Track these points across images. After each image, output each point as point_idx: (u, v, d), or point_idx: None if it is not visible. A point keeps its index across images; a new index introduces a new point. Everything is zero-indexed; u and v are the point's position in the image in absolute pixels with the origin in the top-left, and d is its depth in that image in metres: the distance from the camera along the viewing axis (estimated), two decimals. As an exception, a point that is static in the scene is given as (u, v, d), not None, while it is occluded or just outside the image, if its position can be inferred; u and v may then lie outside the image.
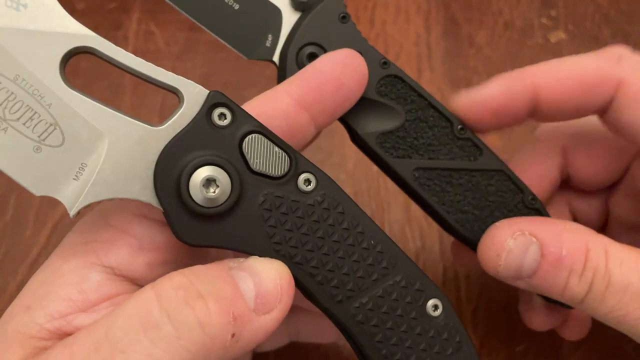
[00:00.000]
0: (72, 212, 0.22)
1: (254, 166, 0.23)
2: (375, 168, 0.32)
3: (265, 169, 0.24)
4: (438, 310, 0.25)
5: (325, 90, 0.26)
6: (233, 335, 0.21)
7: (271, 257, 0.24)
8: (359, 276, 0.24)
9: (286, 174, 0.24)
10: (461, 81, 0.47)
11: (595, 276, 0.26)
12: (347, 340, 0.26)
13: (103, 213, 0.25)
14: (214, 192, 0.23)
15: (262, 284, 0.22)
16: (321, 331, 0.33)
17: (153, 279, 0.23)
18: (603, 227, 0.36)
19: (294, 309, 0.33)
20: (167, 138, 0.23)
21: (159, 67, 0.23)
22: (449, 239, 0.40)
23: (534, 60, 0.48)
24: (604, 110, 0.29)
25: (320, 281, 0.24)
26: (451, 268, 0.40)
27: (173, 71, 0.23)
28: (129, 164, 0.22)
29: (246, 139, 0.23)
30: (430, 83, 0.47)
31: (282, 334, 0.33)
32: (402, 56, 0.48)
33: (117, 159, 0.22)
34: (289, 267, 0.24)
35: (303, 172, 0.24)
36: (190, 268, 0.23)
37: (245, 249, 0.24)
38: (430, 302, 0.25)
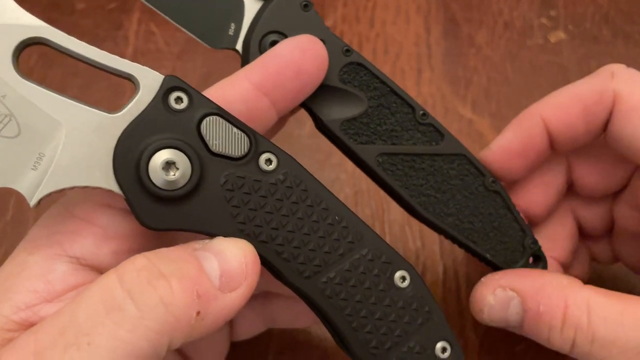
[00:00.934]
0: (32, 202, 0.23)
1: (214, 148, 0.24)
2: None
3: (225, 150, 0.24)
4: (406, 282, 0.26)
5: (285, 75, 0.27)
6: (198, 313, 0.22)
7: (236, 237, 0.24)
8: (325, 251, 0.25)
9: (246, 154, 0.24)
10: (461, 81, 0.47)
11: (577, 332, 0.27)
12: (317, 316, 0.26)
13: (66, 205, 0.25)
14: (174, 174, 0.23)
15: (226, 262, 0.23)
16: (296, 316, 0.33)
17: None
18: (609, 232, 0.36)
19: (268, 296, 0.33)
20: (125, 124, 0.23)
21: (113, 55, 0.23)
22: (449, 238, 0.41)
23: (534, 60, 0.49)
24: (606, 126, 0.30)
25: (287, 258, 0.24)
26: (451, 268, 0.40)
27: (173, 71, 0.23)
28: (88, 151, 0.23)
29: (204, 122, 0.24)
30: (430, 83, 0.47)
31: (257, 321, 0.33)
32: (402, 56, 0.48)
33: (76, 148, 0.22)
34: (255, 245, 0.24)
35: (264, 152, 0.24)
36: (153, 251, 0.23)
37: (209, 231, 0.24)
38: (398, 274, 0.26)
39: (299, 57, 0.27)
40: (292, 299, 0.31)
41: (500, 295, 0.29)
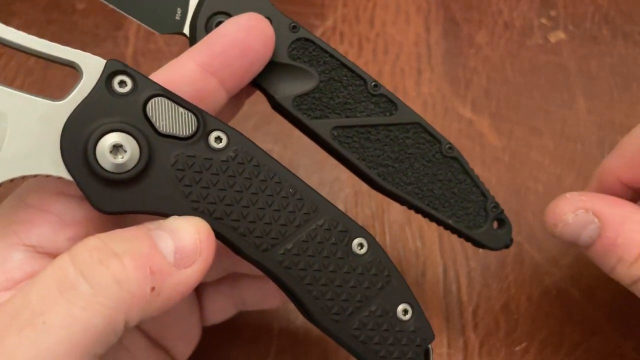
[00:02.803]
0: None
1: (161, 129, 0.24)
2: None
3: (173, 131, 0.24)
4: (364, 249, 0.26)
5: (231, 54, 0.27)
6: (153, 289, 0.22)
7: (190, 215, 0.24)
8: (281, 224, 0.25)
9: (195, 133, 0.24)
10: (461, 81, 0.47)
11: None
12: (279, 288, 0.26)
13: (20, 195, 0.25)
14: (122, 157, 0.23)
15: (180, 239, 0.23)
16: (266, 296, 0.33)
17: None
18: None
19: (236, 278, 0.33)
20: (70, 111, 0.23)
21: (53, 43, 0.23)
22: (449, 238, 0.41)
23: (534, 60, 0.49)
24: None
25: (243, 233, 0.25)
26: (451, 268, 0.40)
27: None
28: (35, 140, 0.23)
29: (149, 103, 0.24)
30: (430, 83, 0.47)
31: (227, 304, 0.34)
32: (402, 56, 0.48)
33: (22, 137, 0.22)
34: (210, 222, 0.24)
35: (213, 130, 0.25)
36: (106, 233, 0.23)
37: (163, 211, 0.24)
38: (356, 241, 0.26)
39: (244, 35, 0.27)
40: (260, 280, 0.31)
41: (581, 217, 0.29)
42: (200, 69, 0.26)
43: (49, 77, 0.46)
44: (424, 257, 0.40)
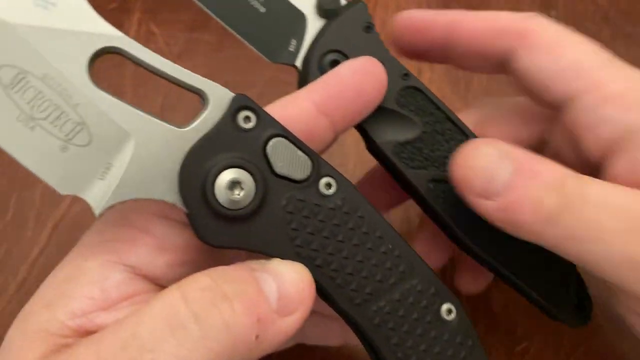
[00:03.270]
0: (97, 212, 0.22)
1: (278, 169, 0.24)
2: (375, 168, 0.32)
3: (289, 173, 0.24)
4: (452, 315, 0.26)
5: (346, 96, 0.27)
6: (257, 336, 0.22)
7: (293, 259, 0.24)
8: (378, 280, 0.25)
9: (308, 177, 0.24)
10: (461, 81, 0.47)
11: (571, 196, 0.24)
12: (362, 343, 0.26)
13: (123, 213, 0.25)
14: (239, 194, 0.23)
15: (284, 285, 0.23)
16: (327, 334, 0.33)
17: (172, 279, 0.24)
18: None
19: None
20: (193, 140, 0.23)
21: (185, 69, 0.23)
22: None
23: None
24: (507, 61, 0.30)
25: (340, 284, 0.24)
26: (451, 268, 0.40)
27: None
28: (155, 165, 0.23)
29: (270, 142, 0.24)
30: (430, 83, 0.47)
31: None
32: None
33: (143, 160, 0.22)
34: (310, 269, 0.24)
35: (324, 176, 0.24)
36: (214, 269, 0.23)
37: (267, 251, 0.24)
38: (445, 307, 0.26)
39: (360, 79, 0.27)
40: (323, 317, 0.30)
41: (493, 151, 0.25)
42: (315, 108, 0.26)
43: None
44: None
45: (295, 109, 0.26)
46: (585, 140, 0.28)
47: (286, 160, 0.24)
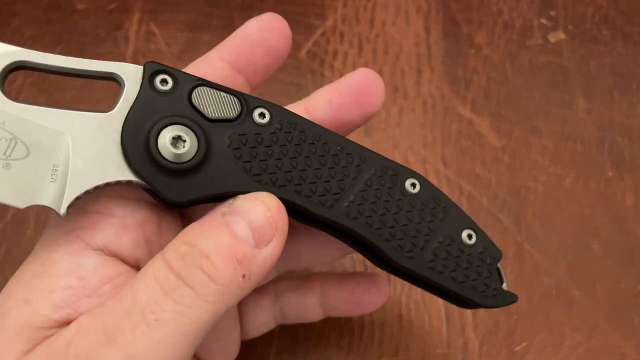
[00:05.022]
0: (62, 212, 0.23)
1: (210, 115, 0.25)
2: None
3: (221, 115, 0.25)
4: (417, 187, 0.28)
5: (256, 53, 0.28)
6: (244, 276, 0.23)
7: (256, 189, 0.25)
8: (339, 179, 0.27)
9: (241, 113, 0.26)
10: (461, 81, 0.47)
11: None
12: (349, 245, 0.28)
13: (79, 204, 0.25)
14: (184, 147, 0.24)
15: (254, 220, 0.24)
16: (306, 311, 0.34)
17: (141, 257, 0.25)
18: None
19: (277, 293, 0.33)
20: (123, 117, 0.24)
21: (91, 60, 0.24)
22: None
23: (534, 60, 0.49)
24: None
25: (307, 194, 0.26)
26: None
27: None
28: (97, 151, 0.24)
29: (194, 94, 0.25)
30: (430, 83, 0.47)
31: (268, 319, 0.34)
32: (402, 56, 0.48)
33: (84, 151, 0.23)
34: (275, 192, 0.25)
35: (256, 108, 0.26)
36: (189, 229, 0.24)
37: (231, 190, 0.25)
38: (408, 182, 0.28)
39: (267, 35, 0.28)
40: (301, 294, 0.32)
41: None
42: (229, 66, 0.28)
43: (50, 79, 0.46)
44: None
45: (209, 68, 0.28)
46: None
47: (214, 104, 0.25)
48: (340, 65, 0.47)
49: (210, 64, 0.28)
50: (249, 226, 0.24)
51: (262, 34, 0.28)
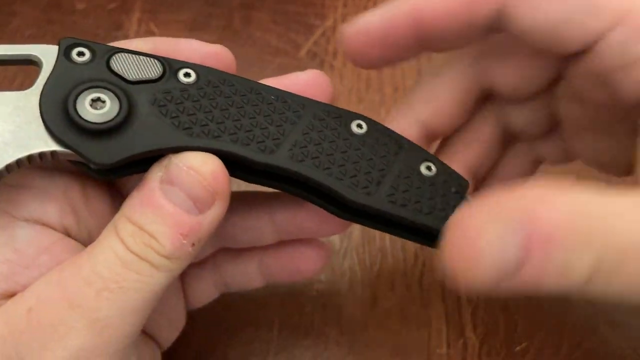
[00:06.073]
0: None
1: (130, 77, 0.25)
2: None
3: (142, 76, 0.25)
4: (363, 128, 0.27)
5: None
6: (193, 244, 0.24)
7: (188, 142, 0.25)
8: (277, 125, 0.26)
9: (163, 73, 0.25)
10: (461, 81, 0.47)
11: (603, 243, 0.20)
12: (302, 197, 0.27)
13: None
14: (104, 106, 0.24)
15: (191, 190, 0.24)
16: (247, 278, 0.33)
17: (69, 224, 0.26)
18: (555, 130, 0.32)
19: (217, 262, 0.33)
20: (40, 91, 0.24)
21: (7, 45, 0.24)
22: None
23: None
24: (497, 22, 0.26)
25: (245, 142, 0.25)
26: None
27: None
28: (17, 126, 0.23)
29: (112, 60, 0.25)
30: (430, 83, 0.47)
31: (210, 287, 0.34)
32: (402, 56, 0.48)
33: (3, 131, 0.23)
34: (210, 143, 0.25)
35: (180, 68, 0.26)
36: (130, 202, 0.24)
37: (161, 147, 0.24)
38: (354, 124, 0.27)
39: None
40: (242, 261, 0.32)
41: (497, 227, 0.21)
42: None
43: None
44: (423, 257, 0.40)
45: None
46: (618, 83, 0.25)
47: (134, 68, 0.25)
48: (340, 65, 0.47)
49: None
50: (186, 195, 0.24)
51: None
